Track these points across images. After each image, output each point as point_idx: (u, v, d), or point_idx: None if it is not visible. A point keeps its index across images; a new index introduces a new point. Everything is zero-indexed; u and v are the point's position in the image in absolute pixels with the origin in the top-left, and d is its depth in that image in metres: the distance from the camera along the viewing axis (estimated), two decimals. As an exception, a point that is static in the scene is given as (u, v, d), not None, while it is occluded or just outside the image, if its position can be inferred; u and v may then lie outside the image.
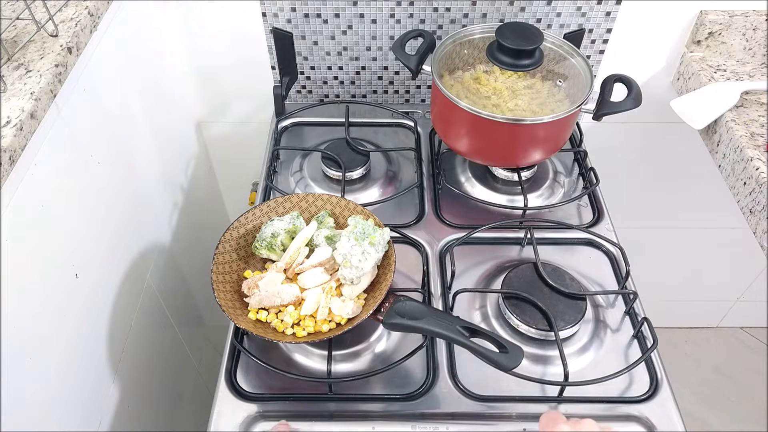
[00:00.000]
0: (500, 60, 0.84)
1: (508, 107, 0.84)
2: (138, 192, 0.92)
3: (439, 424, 0.66)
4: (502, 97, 0.85)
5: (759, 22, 0.96)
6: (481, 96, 0.86)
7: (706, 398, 1.61)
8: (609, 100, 0.81)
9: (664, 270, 1.49)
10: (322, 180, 0.94)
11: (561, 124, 0.83)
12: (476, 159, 0.92)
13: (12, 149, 0.56)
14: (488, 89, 0.86)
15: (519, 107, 0.85)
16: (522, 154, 0.87)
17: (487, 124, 0.81)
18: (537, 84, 0.87)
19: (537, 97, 0.86)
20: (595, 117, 0.81)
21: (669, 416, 0.68)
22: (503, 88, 0.86)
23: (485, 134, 0.84)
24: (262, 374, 0.72)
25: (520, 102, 0.85)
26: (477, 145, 0.87)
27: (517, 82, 0.87)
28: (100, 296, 0.79)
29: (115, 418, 0.82)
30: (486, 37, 0.90)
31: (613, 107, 0.80)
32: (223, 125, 1.18)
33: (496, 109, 0.84)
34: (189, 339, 1.13)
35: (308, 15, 0.98)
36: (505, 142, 0.85)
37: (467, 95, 0.87)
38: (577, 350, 0.74)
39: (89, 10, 0.72)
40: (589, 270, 0.83)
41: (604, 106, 0.81)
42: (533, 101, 0.85)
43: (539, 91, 0.87)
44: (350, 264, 0.71)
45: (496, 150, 0.87)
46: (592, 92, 0.82)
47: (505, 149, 0.87)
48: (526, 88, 0.87)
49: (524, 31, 0.84)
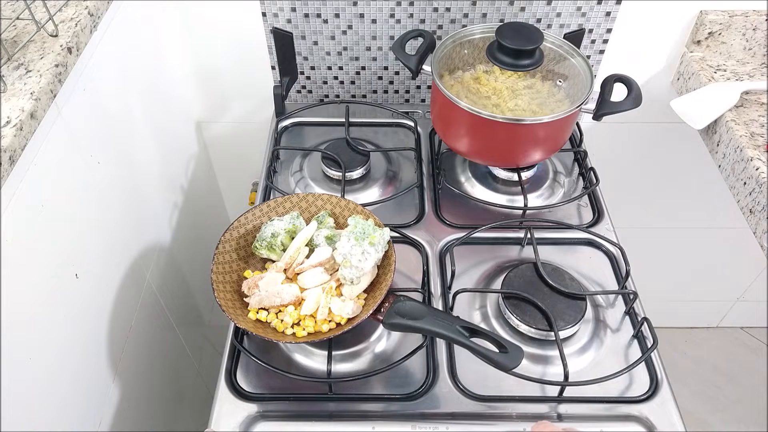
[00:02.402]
0: (500, 60, 0.84)
1: (508, 107, 0.84)
2: (138, 192, 0.92)
3: (439, 424, 0.66)
4: (502, 97, 0.85)
5: (759, 22, 0.96)
6: (481, 96, 0.86)
7: (706, 398, 1.61)
8: (609, 100, 0.81)
9: (664, 270, 1.49)
10: (322, 180, 0.94)
11: (561, 124, 0.83)
12: (476, 159, 0.92)
13: (12, 149, 0.56)
14: (488, 89, 0.86)
15: (519, 107, 0.85)
16: (522, 154, 0.86)
17: (487, 124, 0.81)
18: (537, 84, 0.87)
19: (537, 97, 0.86)
20: (595, 117, 0.81)
21: (669, 416, 0.68)
22: (503, 88, 0.86)
23: (485, 134, 0.85)
24: (262, 374, 0.72)
25: (520, 102, 0.85)
26: (477, 145, 0.87)
27: (517, 82, 0.87)
28: (100, 296, 0.79)
29: (115, 418, 0.82)
30: (486, 37, 0.90)
31: (613, 107, 0.80)
32: (223, 125, 1.18)
33: (496, 109, 0.84)
34: (189, 339, 1.13)
35: (308, 15, 0.98)
36: (504, 142, 0.85)
37: (467, 95, 0.87)
38: (577, 350, 0.74)
39: (89, 10, 0.72)
40: (589, 270, 0.83)
41: (604, 106, 0.81)
42: (533, 101, 0.85)
43: (539, 91, 0.87)
44: (350, 264, 0.71)
45: (496, 150, 0.87)
46: (592, 92, 0.82)
47: (504, 149, 0.87)
48: (526, 88, 0.86)
49: (524, 31, 0.84)
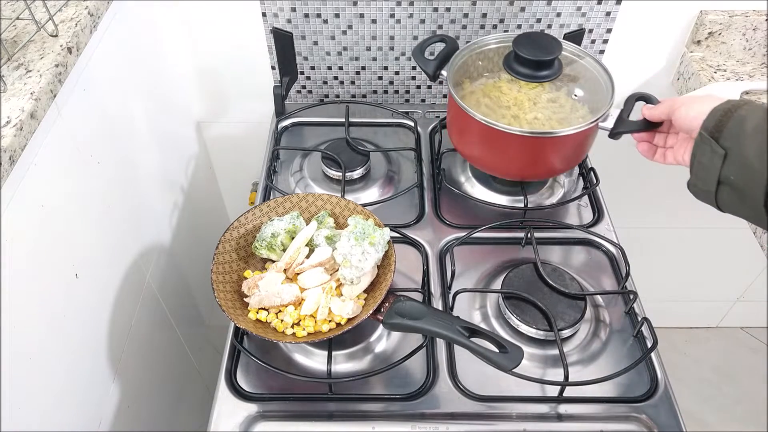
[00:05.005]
0: (517, 70, 0.82)
1: (527, 119, 0.82)
2: (138, 192, 0.92)
3: (439, 424, 0.66)
4: (522, 108, 0.83)
5: (759, 22, 0.96)
6: (501, 105, 0.84)
7: (706, 398, 1.61)
8: (627, 119, 0.75)
9: (664, 270, 1.49)
10: (322, 180, 0.94)
11: (577, 139, 0.79)
12: (488, 170, 0.89)
13: (12, 149, 0.56)
14: (509, 98, 0.84)
15: (538, 120, 0.82)
16: (535, 167, 0.84)
17: (501, 136, 0.78)
18: (561, 98, 0.84)
19: (560, 111, 0.83)
20: (611, 135, 0.76)
21: (669, 416, 0.68)
22: (525, 99, 0.84)
23: (498, 146, 0.82)
24: (262, 374, 0.72)
25: (540, 115, 0.82)
26: (490, 156, 0.85)
27: (540, 94, 0.84)
28: (100, 296, 0.79)
29: (115, 418, 0.82)
30: (505, 46, 0.88)
31: (629, 126, 0.75)
32: (223, 125, 1.18)
33: (515, 120, 0.82)
34: (189, 339, 1.13)
35: (308, 15, 0.98)
36: (519, 154, 0.82)
37: (487, 103, 0.84)
38: (577, 350, 0.74)
39: (89, 10, 0.72)
40: (589, 270, 0.83)
41: (621, 125, 0.75)
42: (555, 115, 0.82)
43: (563, 105, 0.84)
44: (350, 264, 0.71)
45: (511, 162, 0.85)
46: (610, 109, 0.78)
47: (518, 162, 0.84)
48: (549, 101, 0.84)
49: (542, 41, 0.82)
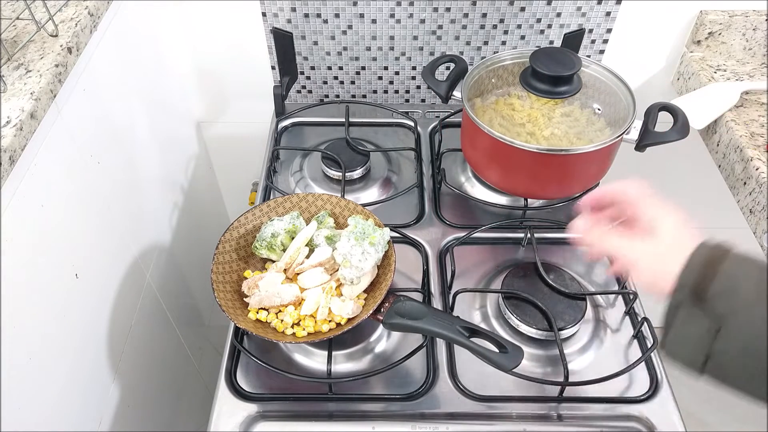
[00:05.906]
0: (535, 87, 0.80)
1: (544, 136, 0.80)
2: (138, 192, 0.92)
3: (439, 424, 0.66)
4: (537, 125, 0.81)
5: (759, 22, 0.96)
6: (515, 123, 0.82)
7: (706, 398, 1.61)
8: (653, 131, 0.75)
9: (664, 270, 1.49)
10: (322, 180, 0.94)
11: (600, 155, 0.77)
12: (508, 190, 0.87)
13: (12, 149, 0.56)
14: (523, 116, 0.82)
15: (555, 136, 0.80)
16: (558, 186, 0.82)
17: (518, 154, 0.76)
18: (575, 112, 0.82)
19: (575, 125, 0.81)
20: (637, 148, 0.75)
21: (669, 416, 0.68)
22: (539, 115, 0.81)
23: (515, 163, 0.80)
24: (262, 374, 0.72)
25: (556, 131, 0.80)
26: (507, 175, 0.83)
27: (553, 109, 0.82)
28: (100, 296, 0.79)
29: (115, 418, 0.82)
30: (520, 62, 0.86)
31: (657, 137, 0.74)
32: (223, 125, 1.18)
33: (531, 138, 0.80)
34: (189, 339, 1.13)
35: (308, 15, 0.98)
36: (536, 172, 0.80)
37: (501, 122, 0.82)
38: (577, 350, 0.74)
39: (89, 10, 0.72)
40: (589, 270, 0.83)
41: (648, 137, 0.74)
42: (571, 130, 0.80)
43: (577, 119, 0.82)
44: (350, 264, 0.71)
45: (531, 181, 0.82)
46: (633, 122, 0.76)
47: (539, 181, 0.81)
48: (563, 115, 0.82)
49: (560, 56, 0.79)
